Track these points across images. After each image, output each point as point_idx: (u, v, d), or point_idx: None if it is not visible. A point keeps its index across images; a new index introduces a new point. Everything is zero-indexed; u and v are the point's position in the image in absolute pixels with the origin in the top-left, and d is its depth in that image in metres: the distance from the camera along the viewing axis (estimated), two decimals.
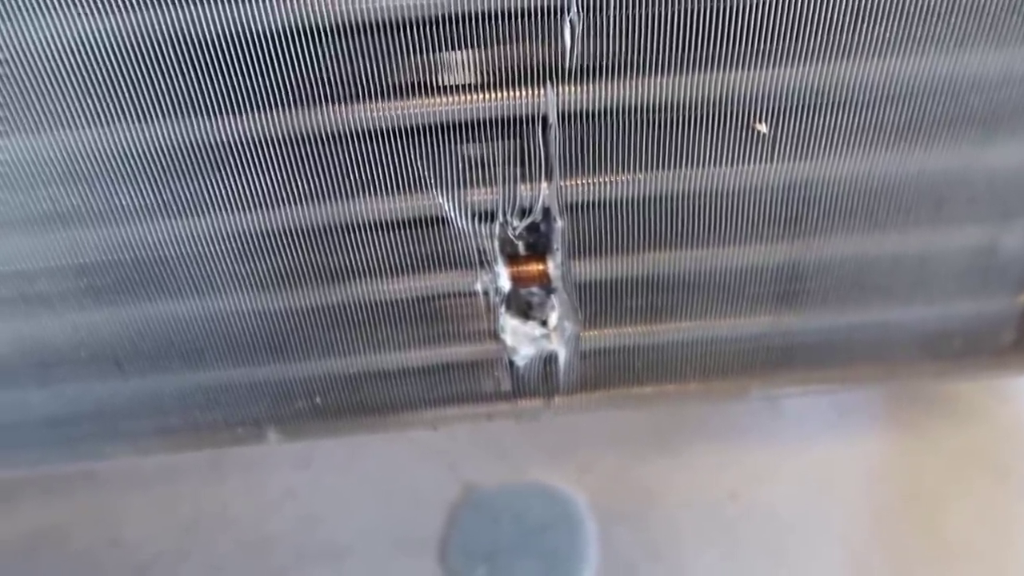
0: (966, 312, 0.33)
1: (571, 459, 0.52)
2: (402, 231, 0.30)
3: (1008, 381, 0.57)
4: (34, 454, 0.33)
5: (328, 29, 0.26)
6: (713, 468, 0.53)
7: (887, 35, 0.26)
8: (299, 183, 0.29)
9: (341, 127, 0.28)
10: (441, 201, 0.29)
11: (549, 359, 0.35)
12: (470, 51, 0.27)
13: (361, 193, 0.29)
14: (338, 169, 0.29)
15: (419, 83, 0.27)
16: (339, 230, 0.30)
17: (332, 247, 0.30)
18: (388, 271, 0.31)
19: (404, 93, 0.28)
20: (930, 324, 0.34)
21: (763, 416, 0.56)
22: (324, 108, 0.28)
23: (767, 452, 0.54)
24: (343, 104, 0.28)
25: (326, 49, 0.26)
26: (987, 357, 0.35)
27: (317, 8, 0.25)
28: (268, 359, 0.33)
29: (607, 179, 0.29)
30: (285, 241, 0.30)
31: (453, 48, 0.27)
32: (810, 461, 0.53)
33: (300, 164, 0.29)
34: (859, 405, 0.56)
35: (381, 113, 0.28)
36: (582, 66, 0.27)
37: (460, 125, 0.28)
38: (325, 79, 0.27)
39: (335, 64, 0.26)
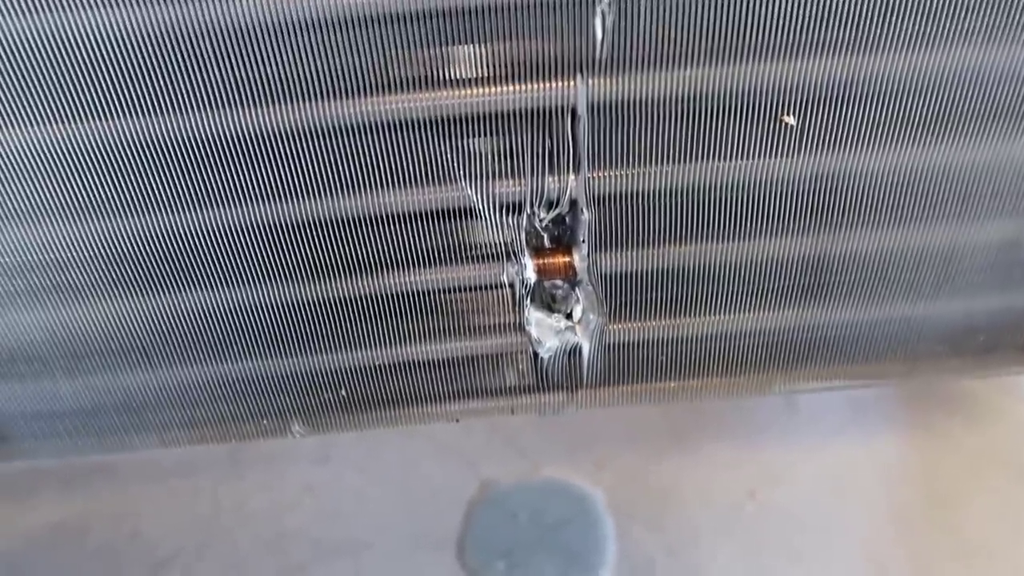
0: (991, 307, 0.33)
1: (588, 456, 0.52)
2: (429, 223, 0.31)
3: (1021, 380, 0.57)
4: (63, 444, 0.34)
5: (362, 19, 0.26)
6: (730, 466, 0.53)
7: (915, 29, 0.27)
8: (328, 175, 0.29)
9: (370, 118, 0.28)
10: (469, 192, 0.29)
11: (573, 352, 0.35)
12: (501, 43, 0.27)
13: (389, 185, 0.30)
14: (366, 161, 0.29)
15: (449, 75, 0.28)
16: (366, 222, 0.31)
17: (358, 239, 0.31)
18: (414, 263, 0.31)
19: (434, 84, 0.28)
20: (955, 319, 0.34)
21: (780, 414, 0.55)
22: (354, 99, 0.28)
23: (784, 451, 0.54)
24: (373, 95, 0.28)
25: (359, 39, 0.26)
26: (1012, 352, 0.35)
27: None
28: (294, 351, 0.33)
29: (635, 171, 0.29)
30: (313, 233, 0.30)
31: (485, 40, 0.27)
32: (827, 460, 0.53)
33: (330, 156, 0.29)
34: (875, 404, 0.56)
35: (410, 104, 0.28)
36: (612, 57, 0.27)
37: (489, 116, 0.28)
38: (357, 70, 0.27)
39: (367, 54, 0.27)
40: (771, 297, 0.32)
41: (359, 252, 0.31)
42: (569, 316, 0.34)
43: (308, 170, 0.29)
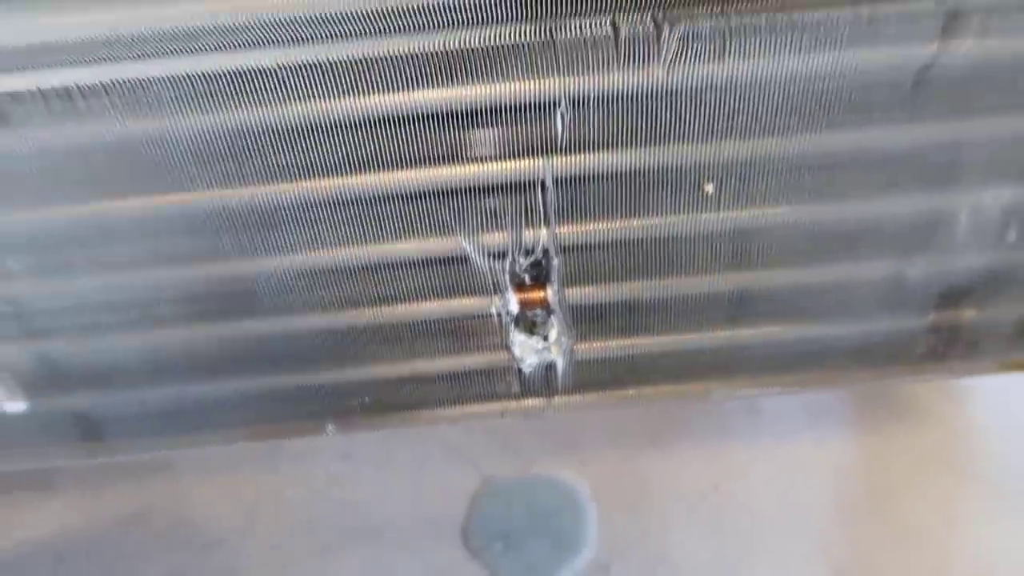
0: (884, 329, 0.41)
1: (575, 454, 0.60)
2: (434, 267, 0.39)
3: (962, 388, 0.64)
4: (148, 442, 0.42)
5: (381, 119, 0.35)
6: (699, 463, 0.60)
7: (802, 121, 0.35)
8: (356, 231, 0.38)
9: (388, 189, 0.37)
10: (464, 244, 0.37)
11: (550, 367, 0.43)
12: (487, 131, 0.35)
13: (403, 238, 0.38)
14: (388, 221, 0.38)
15: (447, 156, 0.36)
16: (386, 267, 0.39)
17: (381, 280, 0.39)
18: (423, 298, 0.39)
19: (436, 162, 0.36)
20: (856, 338, 0.42)
21: (743, 418, 0.63)
22: (381, 174, 0.36)
23: (746, 450, 0.61)
24: (390, 171, 0.36)
25: (379, 133, 0.35)
26: (905, 365, 0.42)
27: (377, 102, 0.34)
28: (330, 367, 0.41)
29: (591, 227, 0.37)
30: (346, 276, 0.38)
31: (475, 128, 0.35)
32: (784, 458, 0.60)
33: (357, 217, 0.37)
34: (829, 409, 0.64)
35: (418, 178, 0.36)
36: (570, 144, 0.36)
37: (479, 187, 0.37)
38: (379, 154, 0.35)
39: (386, 144, 0.35)
40: (705, 321, 0.40)
41: (380, 289, 0.39)
42: (546, 338, 0.42)
43: (342, 228, 0.37)
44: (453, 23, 0.32)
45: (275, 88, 0.33)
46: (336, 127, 0.34)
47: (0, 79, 0.33)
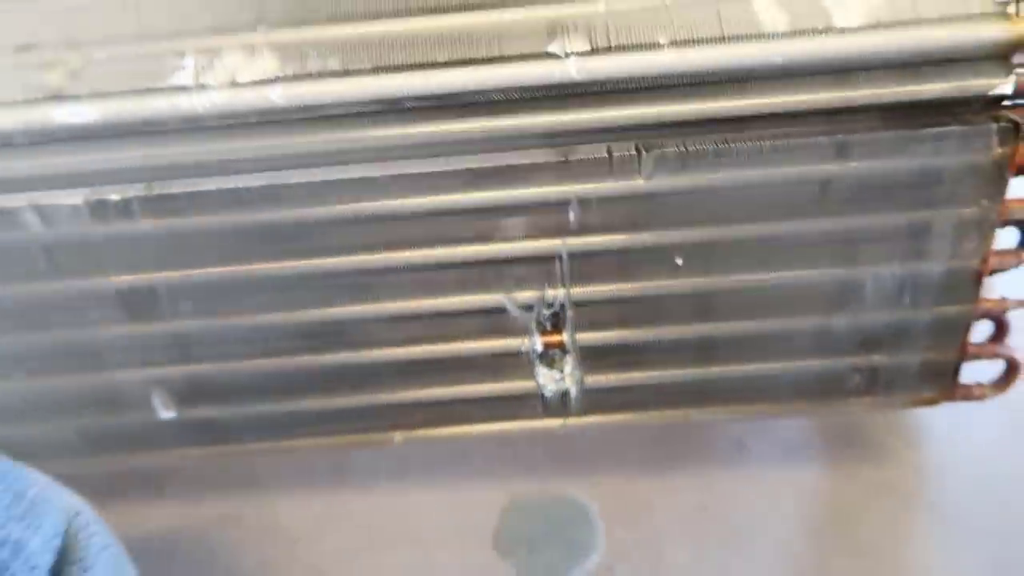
0: (819, 369, 0.54)
1: (587, 478, 0.71)
2: (480, 315, 0.53)
3: (916, 430, 0.75)
4: (259, 445, 0.56)
5: (441, 211, 0.49)
6: (691, 487, 0.71)
7: (743, 214, 0.49)
8: (423, 289, 0.52)
9: (445, 259, 0.51)
10: (503, 301, 0.52)
11: (565, 394, 0.56)
12: (521, 220, 0.50)
13: (457, 294, 0.52)
14: (443, 281, 0.52)
15: (491, 236, 0.51)
16: (444, 314, 0.53)
17: (439, 324, 0.53)
18: (471, 337, 0.53)
19: (482, 241, 0.51)
20: (798, 376, 0.54)
21: (730, 452, 0.74)
22: (436, 250, 0.50)
23: (732, 478, 0.72)
24: (447, 247, 0.51)
25: (438, 221, 0.50)
26: (839, 399, 0.55)
27: (436, 201, 0.49)
28: (398, 389, 0.55)
29: (595, 288, 0.51)
30: (414, 321, 0.52)
31: (510, 218, 0.50)
32: (763, 485, 0.71)
33: (423, 278, 0.52)
34: (801, 446, 0.74)
35: (468, 252, 0.51)
36: (579, 228, 0.50)
37: (514, 258, 0.51)
38: (438, 235, 0.50)
39: (444, 228, 0.50)
40: (680, 360, 0.53)
41: (439, 332, 0.53)
42: (562, 371, 0.55)
43: (414, 286, 0.52)
44: (496, 148, 0.48)
45: (373, 190, 0.48)
46: (406, 216, 0.49)
47: (185, 183, 0.48)
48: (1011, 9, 0.44)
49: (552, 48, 0.45)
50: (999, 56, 0.45)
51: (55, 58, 0.47)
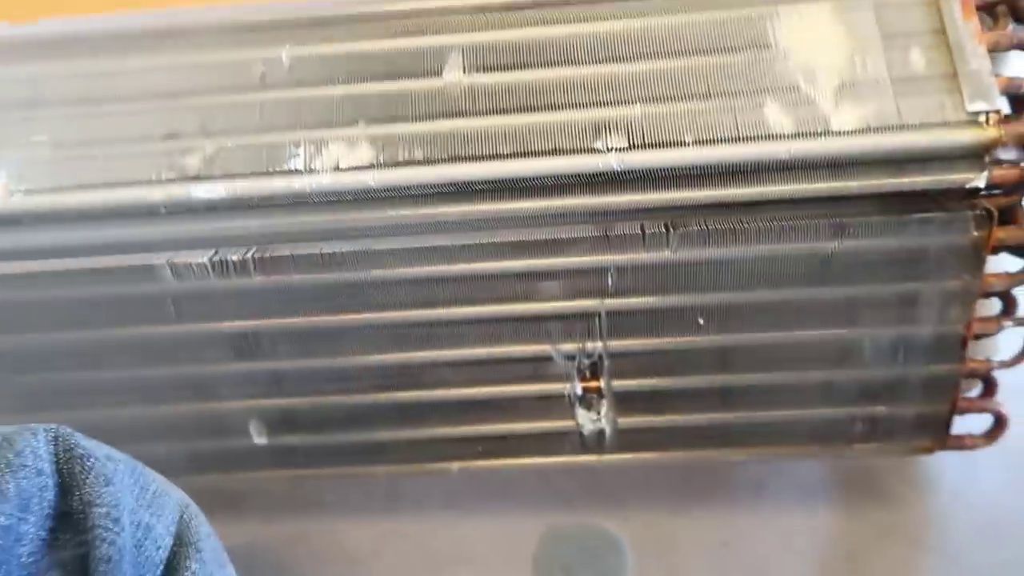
0: (825, 417, 0.61)
1: (620, 511, 0.78)
2: (529, 362, 0.61)
3: (925, 479, 0.81)
4: (334, 469, 0.65)
5: (498, 275, 0.59)
6: (714, 524, 0.78)
7: (757, 283, 0.57)
8: (481, 339, 0.61)
9: (502, 314, 0.60)
10: (550, 351, 0.61)
11: (600, 433, 0.64)
12: (566, 283, 0.59)
13: (511, 344, 0.61)
14: (500, 332, 0.61)
15: (541, 295, 0.60)
16: (499, 361, 0.62)
17: (495, 369, 0.61)
18: (522, 381, 0.62)
19: (533, 300, 0.60)
20: (808, 422, 0.61)
21: (750, 492, 0.81)
22: (493, 306, 0.59)
23: (751, 516, 0.78)
24: (504, 304, 0.60)
25: (497, 282, 0.59)
26: (845, 444, 0.62)
27: (495, 266, 0.59)
28: (458, 424, 0.64)
29: (628, 342, 0.59)
30: (475, 366, 0.62)
31: (558, 281, 0.59)
32: (780, 524, 0.77)
33: (482, 330, 0.61)
34: (817, 490, 0.81)
35: (521, 309, 0.60)
36: (616, 290, 0.59)
37: (560, 315, 0.60)
38: (497, 293, 0.59)
39: (502, 287, 0.59)
40: (703, 406, 0.61)
41: (495, 376, 0.62)
42: (599, 413, 0.63)
43: (474, 336, 0.61)
44: (548, 223, 0.57)
45: (445, 256, 0.58)
46: (471, 278, 0.58)
47: (292, 247, 0.59)
48: (981, 118, 0.53)
49: (597, 144, 0.55)
50: (973, 156, 0.53)
51: (193, 145, 0.58)
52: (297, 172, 0.57)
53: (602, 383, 0.60)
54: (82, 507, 0.32)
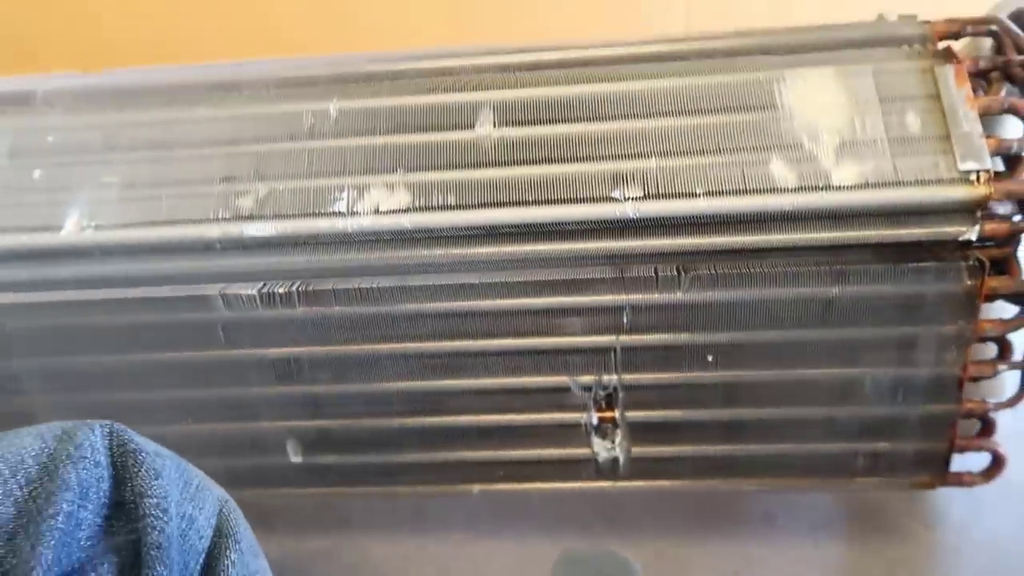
0: (829, 451, 0.64)
1: (634, 538, 0.81)
2: (549, 393, 0.66)
3: (932, 513, 0.83)
4: (362, 489, 0.70)
5: (521, 311, 0.64)
6: (725, 553, 0.80)
7: (763, 323, 0.61)
8: (505, 369, 0.66)
9: (524, 347, 0.65)
10: (569, 382, 0.65)
11: (615, 460, 0.68)
12: (585, 319, 0.64)
13: (532, 375, 0.66)
14: (522, 364, 0.65)
15: (561, 331, 0.64)
16: (521, 391, 0.66)
17: (517, 398, 0.66)
18: (542, 411, 0.66)
19: (554, 334, 0.65)
20: (812, 456, 0.65)
21: (761, 523, 0.84)
22: (515, 340, 0.65)
23: (761, 547, 0.81)
24: (524, 339, 0.65)
25: (520, 317, 0.64)
26: (849, 478, 0.65)
27: (516, 303, 0.63)
28: (480, 448, 0.68)
29: (642, 376, 0.64)
30: (497, 395, 0.66)
31: (577, 318, 0.64)
32: (789, 555, 0.80)
33: (506, 361, 0.65)
34: (826, 523, 0.83)
35: (542, 343, 0.65)
36: (631, 327, 0.64)
37: (578, 349, 0.65)
38: (518, 328, 0.64)
39: (524, 323, 0.64)
40: (711, 438, 0.65)
41: (516, 405, 0.67)
42: (613, 442, 0.67)
43: (497, 367, 0.66)
44: (569, 265, 0.62)
45: (472, 293, 0.63)
46: (496, 314, 0.63)
47: (334, 281, 0.65)
48: (972, 176, 0.57)
49: (615, 193, 0.60)
50: (965, 210, 0.58)
51: (248, 188, 0.65)
52: (340, 214, 0.62)
53: (617, 414, 0.64)
54: (134, 498, 0.34)
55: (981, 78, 0.63)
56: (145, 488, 0.34)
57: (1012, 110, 0.59)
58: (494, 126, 0.63)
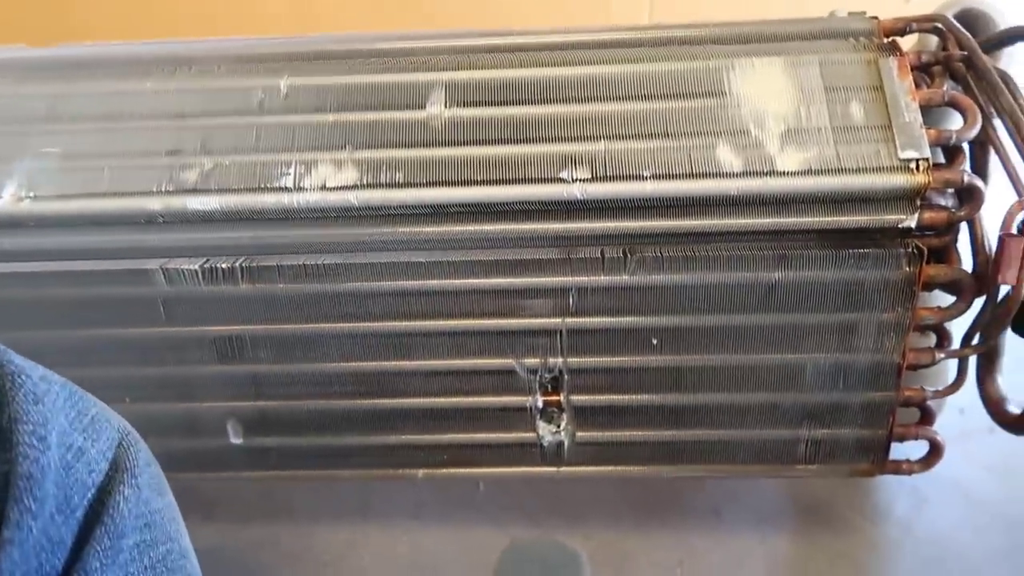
0: (771, 437, 0.65)
1: (580, 528, 0.81)
2: (494, 375, 0.65)
3: (877, 509, 0.84)
4: (305, 473, 0.68)
5: (469, 291, 0.63)
6: (670, 544, 0.80)
7: (706, 306, 0.62)
8: (450, 351, 0.65)
9: (469, 328, 0.64)
10: (514, 364, 0.65)
11: (560, 445, 0.67)
12: (529, 301, 0.64)
13: (477, 357, 0.65)
14: (467, 345, 0.65)
15: (508, 312, 0.64)
16: (465, 373, 0.66)
17: (461, 380, 0.65)
18: (486, 393, 0.66)
19: (499, 316, 0.64)
20: (755, 443, 0.65)
21: (707, 517, 0.84)
22: (463, 321, 0.64)
23: (706, 539, 0.81)
24: (472, 320, 0.64)
25: (466, 298, 0.63)
26: (791, 464, 0.65)
27: (465, 283, 0.63)
28: (423, 432, 0.67)
29: (587, 359, 0.64)
30: (442, 376, 0.65)
31: (522, 300, 0.64)
32: (734, 548, 0.80)
33: (451, 343, 0.65)
34: (772, 517, 0.84)
35: (488, 324, 0.64)
36: (576, 311, 0.64)
37: (523, 331, 0.64)
38: (467, 309, 0.64)
39: (471, 304, 0.64)
40: (657, 423, 0.65)
41: (460, 386, 0.66)
42: (558, 426, 0.67)
43: (443, 348, 0.65)
44: (515, 245, 0.62)
45: (418, 272, 0.63)
46: (441, 294, 0.62)
47: (279, 258, 0.63)
48: (912, 165, 0.58)
49: (562, 175, 0.60)
50: (905, 198, 0.59)
51: (193, 161, 0.63)
52: (287, 189, 0.61)
53: (562, 397, 0.63)
54: (8, 424, 0.31)
55: (924, 72, 0.64)
56: (21, 413, 0.31)
57: (952, 103, 0.61)
58: (445, 106, 0.63)
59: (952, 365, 0.66)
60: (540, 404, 0.64)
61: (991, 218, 0.61)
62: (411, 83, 0.64)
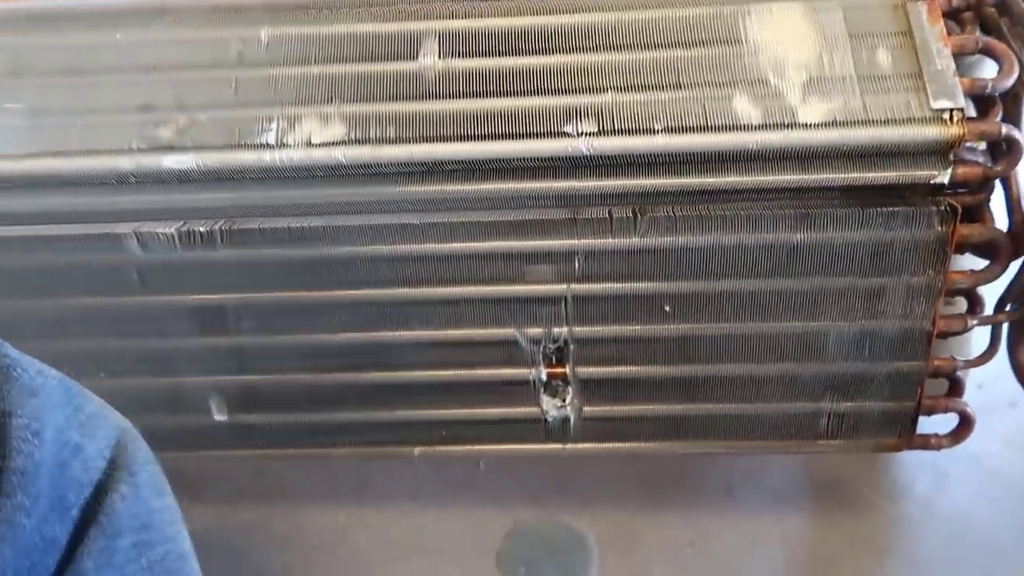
0: (791, 411, 0.61)
1: (586, 508, 0.77)
2: (497, 346, 0.61)
3: (895, 487, 0.80)
4: (294, 451, 0.64)
5: (472, 255, 0.59)
6: (680, 525, 0.77)
7: (723, 271, 0.57)
8: (451, 320, 0.61)
9: (471, 295, 0.60)
10: (516, 334, 0.60)
11: (565, 420, 0.63)
12: (533, 266, 0.59)
13: (479, 327, 0.61)
14: (469, 315, 0.61)
15: (510, 279, 0.60)
16: (467, 343, 0.61)
17: (463, 352, 0.61)
18: (488, 366, 0.62)
19: (501, 282, 0.60)
20: (774, 416, 0.61)
21: (719, 494, 0.80)
22: (465, 287, 0.60)
23: (719, 519, 0.78)
24: (474, 286, 0.60)
25: (468, 263, 0.59)
26: (811, 439, 0.61)
27: (468, 247, 0.59)
28: (421, 407, 0.63)
29: (594, 328, 0.60)
30: (442, 347, 0.61)
31: (526, 264, 0.59)
32: (748, 528, 0.77)
33: (451, 312, 0.61)
34: (787, 496, 0.80)
35: (489, 291, 0.60)
36: (583, 276, 0.59)
37: (527, 299, 0.60)
38: (468, 274, 0.59)
39: (473, 269, 0.59)
40: (668, 396, 0.61)
41: (462, 359, 0.61)
42: (564, 400, 0.63)
43: (444, 318, 0.61)
44: (517, 206, 0.58)
45: (413, 235, 0.58)
46: (438, 258, 0.58)
47: (261, 221, 0.59)
48: (945, 115, 0.54)
49: (567, 128, 0.56)
50: (938, 152, 0.54)
51: (167, 117, 0.59)
52: (269, 146, 0.57)
53: (567, 369, 0.59)
54: (2, 418, 0.30)
55: (953, 20, 0.59)
56: (14, 407, 0.30)
57: (987, 50, 0.56)
58: (438, 57, 0.58)
59: (979, 334, 0.61)
60: (544, 377, 0.60)
61: None
62: (402, 32, 0.59)
